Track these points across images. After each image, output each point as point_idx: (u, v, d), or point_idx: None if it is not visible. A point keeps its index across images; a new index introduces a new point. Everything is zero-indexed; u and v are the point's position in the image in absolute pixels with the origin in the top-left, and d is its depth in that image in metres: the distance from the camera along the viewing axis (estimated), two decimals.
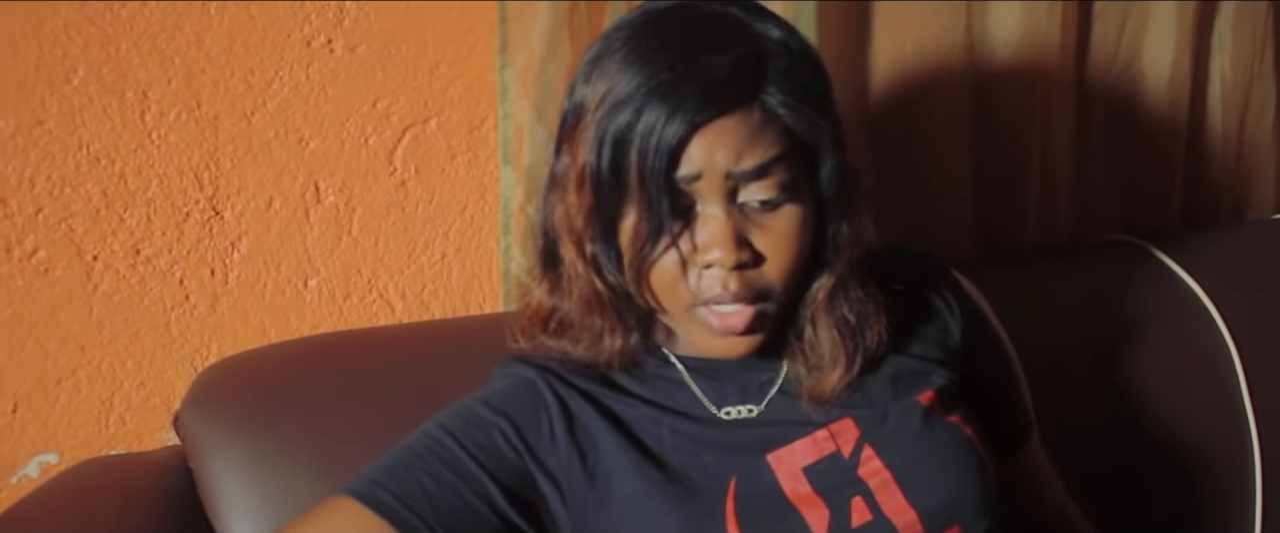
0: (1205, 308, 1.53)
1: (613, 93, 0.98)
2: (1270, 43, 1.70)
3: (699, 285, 1.01)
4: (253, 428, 1.24)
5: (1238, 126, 1.72)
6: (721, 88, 0.96)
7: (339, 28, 1.36)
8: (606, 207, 1.01)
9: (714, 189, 0.98)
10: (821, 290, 1.05)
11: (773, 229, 1.00)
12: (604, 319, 1.07)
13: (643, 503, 1.02)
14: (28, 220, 1.30)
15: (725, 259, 0.98)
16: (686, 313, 1.03)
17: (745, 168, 0.97)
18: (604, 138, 0.98)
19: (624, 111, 0.97)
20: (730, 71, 0.96)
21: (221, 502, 1.21)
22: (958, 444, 1.08)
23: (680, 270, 1.00)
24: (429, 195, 1.42)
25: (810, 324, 1.07)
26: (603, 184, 0.99)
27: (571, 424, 1.07)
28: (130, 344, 1.36)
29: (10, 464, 1.35)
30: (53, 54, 1.28)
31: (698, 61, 0.96)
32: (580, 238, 1.04)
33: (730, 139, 0.96)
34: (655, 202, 0.97)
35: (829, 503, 1.03)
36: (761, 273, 1.01)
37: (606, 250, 1.03)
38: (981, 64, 1.56)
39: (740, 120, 0.97)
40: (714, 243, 0.99)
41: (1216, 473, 1.49)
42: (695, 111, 0.95)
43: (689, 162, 0.97)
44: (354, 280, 1.42)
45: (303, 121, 1.37)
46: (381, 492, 1.00)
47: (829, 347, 1.07)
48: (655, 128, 0.96)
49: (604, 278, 1.05)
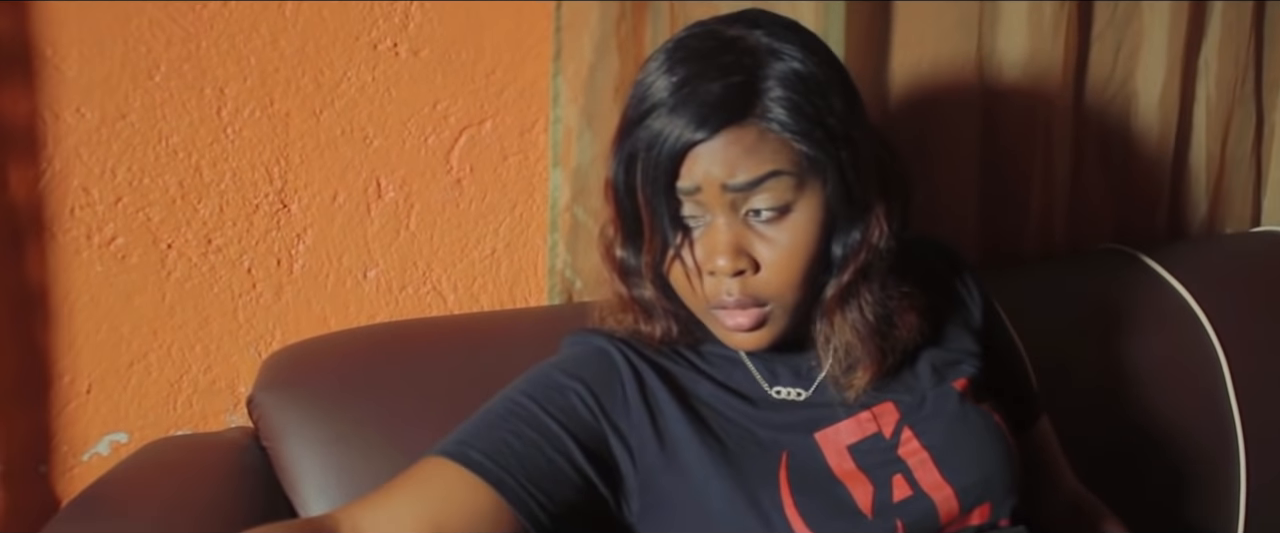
0: (1193, 312, 1.64)
1: (635, 110, 1.09)
2: (1251, 68, 1.82)
3: (706, 290, 1.10)
4: (326, 410, 1.31)
5: (1220, 145, 1.83)
6: (714, 109, 1.05)
7: (404, 32, 1.43)
8: (628, 217, 1.11)
9: (715, 201, 1.07)
10: (831, 295, 1.12)
11: (774, 240, 1.08)
12: (634, 316, 1.17)
13: (706, 469, 1.11)
14: (108, 209, 1.36)
15: (724, 268, 1.07)
16: (706, 312, 1.12)
17: (739, 181, 1.06)
18: (621, 154, 1.09)
19: (640, 128, 1.07)
20: (724, 93, 1.05)
21: (299, 479, 1.28)
22: (989, 428, 1.17)
23: (688, 277, 1.10)
24: (482, 193, 1.50)
25: (827, 325, 1.14)
26: (621, 195, 1.10)
27: (643, 390, 1.15)
28: (199, 329, 1.42)
29: (83, 442, 1.41)
30: (137, 51, 1.35)
31: (697, 85, 1.06)
32: (610, 245, 1.15)
33: (723, 156, 1.05)
34: (658, 213, 1.08)
35: (872, 479, 1.11)
36: (762, 280, 1.09)
37: (634, 257, 1.14)
38: (990, 82, 1.66)
39: (733, 138, 1.05)
40: (715, 252, 1.08)
41: (1204, 464, 1.59)
42: (690, 131, 1.04)
43: (687, 175, 1.06)
44: (410, 272, 1.49)
45: (367, 120, 1.44)
46: (472, 451, 1.07)
47: (850, 347, 1.14)
48: (655, 144, 1.06)
49: (628, 282, 1.15)
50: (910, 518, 1.10)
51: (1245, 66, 1.81)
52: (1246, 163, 1.86)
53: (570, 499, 1.09)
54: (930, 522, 1.11)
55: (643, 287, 1.15)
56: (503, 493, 1.05)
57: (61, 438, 1.40)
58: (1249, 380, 1.61)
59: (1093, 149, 1.76)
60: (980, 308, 1.28)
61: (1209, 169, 1.82)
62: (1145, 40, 1.74)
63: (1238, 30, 1.78)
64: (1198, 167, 1.83)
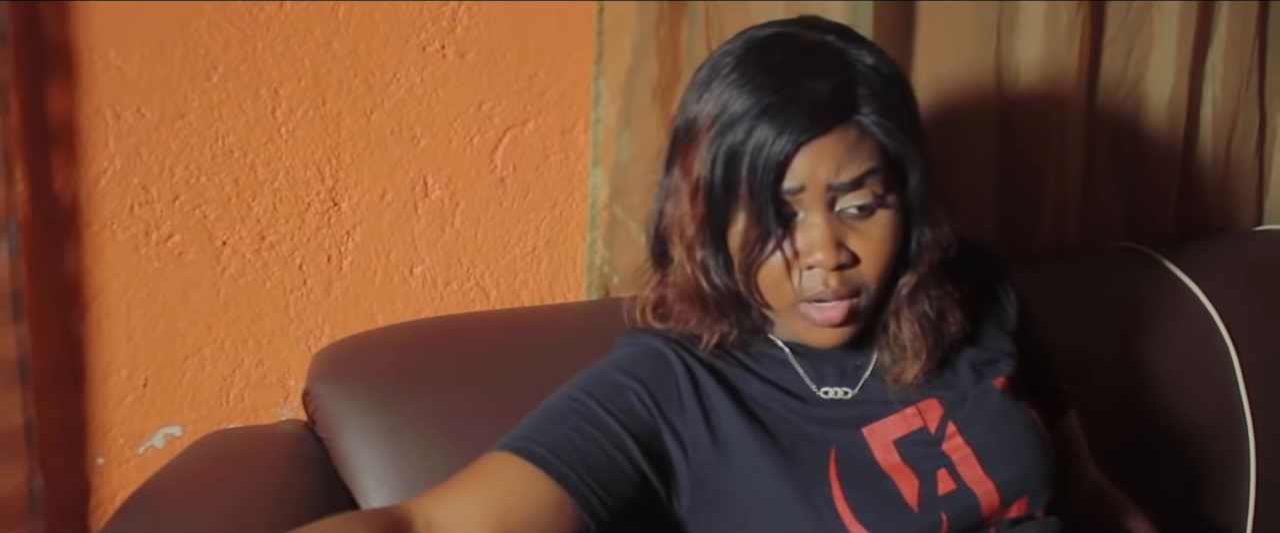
0: (1205, 309, 1.70)
1: (724, 113, 1.11)
2: (1255, 73, 1.88)
3: (802, 284, 1.13)
4: (381, 402, 1.35)
5: (1226, 147, 1.89)
6: (823, 109, 1.09)
7: (451, 35, 1.47)
8: (717, 216, 1.14)
9: (815, 199, 1.11)
10: (905, 288, 1.18)
11: (867, 234, 1.13)
12: (704, 313, 1.20)
13: (759, 464, 1.15)
14: (166, 207, 1.40)
15: (826, 261, 1.11)
16: (791, 309, 1.16)
17: (844, 180, 1.10)
18: (717, 154, 1.11)
19: (735, 131, 1.10)
20: (830, 95, 1.09)
21: (358, 469, 1.32)
22: (1027, 425, 1.22)
23: (785, 271, 1.13)
24: (524, 192, 1.54)
25: (894, 319, 1.19)
26: (715, 196, 1.13)
27: (697, 389, 1.19)
28: (252, 324, 1.46)
29: (139, 435, 1.44)
30: (196, 52, 1.38)
31: (801, 86, 1.09)
32: (691, 244, 1.17)
33: (830, 155, 1.09)
34: (763, 211, 1.10)
35: (917, 473, 1.16)
36: (858, 272, 1.13)
37: (714, 255, 1.16)
38: (1007, 86, 1.71)
39: (839, 138, 1.09)
40: (816, 247, 1.11)
41: (1215, 456, 1.65)
42: (800, 131, 1.08)
43: (794, 175, 1.10)
44: (454, 269, 1.53)
45: (415, 121, 1.48)
46: (535, 446, 1.10)
47: (910, 339, 1.19)
48: (765, 145, 1.09)
49: (711, 280, 1.17)
50: (954, 511, 1.15)
51: (1250, 71, 1.87)
52: (1250, 163, 1.92)
53: (627, 494, 1.13)
54: (973, 515, 1.16)
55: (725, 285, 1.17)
56: (565, 487, 1.09)
57: (118, 431, 1.43)
58: (1259, 374, 1.68)
59: (1104, 150, 1.82)
60: (1016, 308, 1.33)
61: (1215, 170, 1.89)
62: (1155, 45, 1.80)
63: (1243, 36, 1.85)
64: (1204, 167, 1.89)
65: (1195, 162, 1.89)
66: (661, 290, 1.24)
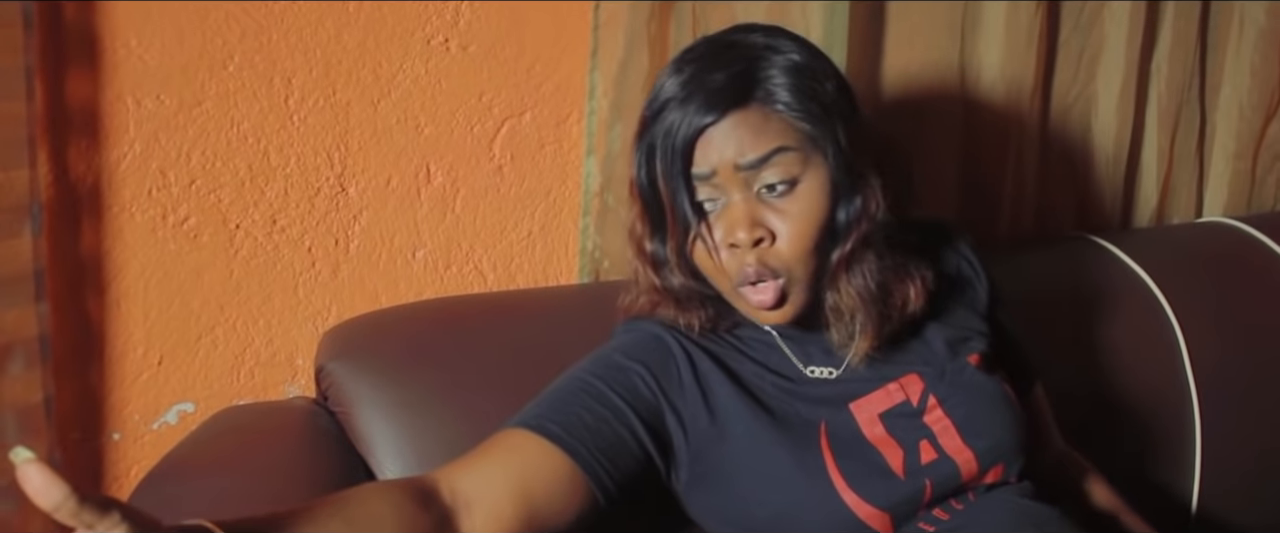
0: (1152, 292, 1.81)
1: (646, 113, 1.23)
2: (1197, 73, 2.00)
3: (728, 268, 1.21)
4: (393, 378, 1.41)
5: (1169, 143, 2.00)
6: (716, 96, 1.18)
7: (454, 29, 1.54)
8: (652, 209, 1.23)
9: (729, 181, 1.19)
10: (838, 262, 1.23)
11: (786, 210, 1.20)
12: (670, 307, 1.28)
13: (755, 437, 1.23)
14: (182, 191, 1.45)
15: (743, 240, 1.19)
16: (734, 292, 1.23)
17: (749, 159, 1.18)
18: (640, 152, 1.22)
19: (651, 128, 1.21)
20: (725, 83, 1.19)
21: (374, 442, 1.38)
22: (1002, 398, 1.31)
23: (711, 256, 1.21)
24: (521, 179, 1.61)
25: (833, 292, 1.25)
26: (644, 191, 1.23)
27: (695, 371, 1.27)
28: (263, 305, 1.52)
29: (154, 411, 1.50)
30: (213, 42, 1.44)
31: (702, 79, 1.19)
32: (639, 241, 1.27)
33: (732, 137, 1.18)
34: (677, 197, 1.20)
35: (902, 444, 1.25)
36: (778, 250, 1.20)
37: (661, 248, 1.25)
38: (969, 85, 1.81)
39: (738, 121, 1.19)
40: (734, 226, 1.19)
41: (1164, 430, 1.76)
42: (697, 117, 1.18)
43: (702, 160, 1.19)
44: (454, 252, 1.60)
45: (420, 110, 1.55)
46: (548, 423, 1.18)
47: (851, 312, 1.25)
48: (671, 133, 1.19)
49: (660, 273, 1.26)
50: (937, 478, 1.23)
51: (1192, 72, 1.99)
52: (1192, 159, 2.04)
53: (631, 470, 1.21)
54: (954, 481, 1.24)
55: (673, 276, 1.25)
56: (578, 462, 1.16)
57: (134, 407, 1.49)
58: (1202, 352, 1.79)
59: (1058, 144, 1.93)
60: (985, 288, 1.42)
61: (1159, 164, 2.00)
62: (1105, 47, 1.91)
63: (1186, 39, 1.96)
64: (1149, 162, 2.00)
65: (1141, 156, 2.00)
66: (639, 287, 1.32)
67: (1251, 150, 2.09)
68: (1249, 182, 2.11)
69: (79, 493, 0.76)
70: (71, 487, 0.75)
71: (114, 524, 0.79)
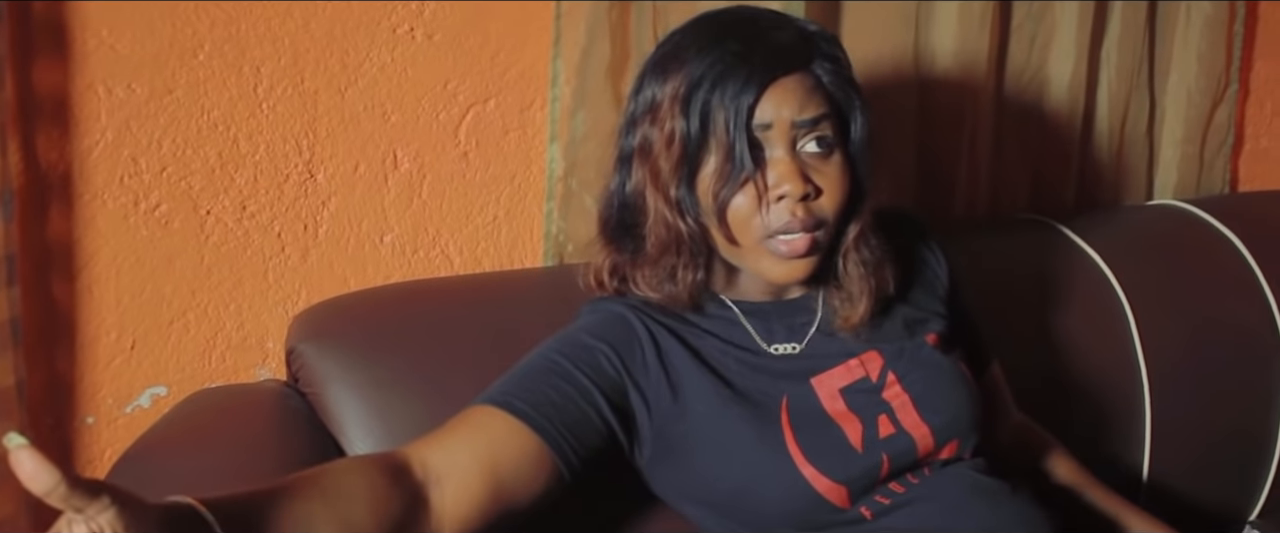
0: (1103, 272, 1.86)
1: (691, 73, 1.25)
2: (1146, 59, 2.05)
3: (769, 217, 1.25)
4: (362, 359, 1.44)
5: (1120, 127, 2.05)
6: (785, 53, 1.25)
7: (420, 18, 1.57)
8: (692, 159, 1.26)
9: (781, 136, 1.24)
10: (853, 231, 1.30)
11: (825, 172, 1.26)
12: (679, 257, 1.30)
13: (719, 414, 1.27)
14: (154, 178, 1.48)
15: (795, 190, 1.23)
16: (758, 245, 1.26)
17: (806, 117, 1.24)
18: (692, 103, 1.24)
19: (706, 80, 1.24)
20: (792, 41, 1.26)
21: (345, 421, 1.41)
22: (957, 376, 1.35)
23: (755, 205, 1.24)
24: (486, 165, 1.65)
25: (844, 261, 1.32)
26: (691, 140, 1.25)
27: (658, 350, 1.31)
28: (233, 290, 1.54)
29: (127, 395, 1.52)
30: (183, 32, 1.46)
31: (764, 36, 1.25)
32: (666, 187, 1.28)
33: (793, 95, 1.24)
34: (737, 146, 1.23)
35: (861, 418, 1.29)
36: (820, 204, 1.26)
37: (689, 195, 1.27)
38: (924, 72, 1.86)
39: (799, 81, 1.25)
40: (785, 179, 1.24)
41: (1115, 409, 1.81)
42: (768, 71, 1.23)
43: (763, 112, 1.23)
44: (421, 237, 1.63)
45: (386, 98, 1.58)
46: (515, 400, 1.21)
47: (856, 281, 1.32)
48: (738, 85, 1.23)
49: (685, 219, 1.28)
50: (894, 452, 1.27)
51: (1141, 57, 2.04)
52: (1142, 143, 2.09)
53: (596, 445, 1.24)
54: (910, 456, 1.28)
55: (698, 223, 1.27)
56: (544, 439, 1.20)
57: (107, 391, 1.51)
58: (1152, 330, 1.84)
59: (1011, 130, 1.98)
60: (945, 271, 1.46)
61: (1110, 148, 2.05)
62: (1056, 34, 1.96)
63: (1135, 25, 2.01)
64: (1101, 146, 2.05)
65: (1093, 141, 2.06)
66: (616, 257, 1.36)
67: (1200, 135, 2.15)
68: (1198, 165, 2.17)
69: (70, 478, 0.78)
70: (62, 472, 0.78)
71: (103, 508, 0.81)
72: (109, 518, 0.82)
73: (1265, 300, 1.96)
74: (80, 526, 0.82)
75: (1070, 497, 1.52)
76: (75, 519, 0.82)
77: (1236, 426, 1.93)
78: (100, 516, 0.81)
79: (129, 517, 0.83)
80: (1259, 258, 1.98)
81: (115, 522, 0.82)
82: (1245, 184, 2.32)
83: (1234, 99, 2.18)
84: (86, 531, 0.82)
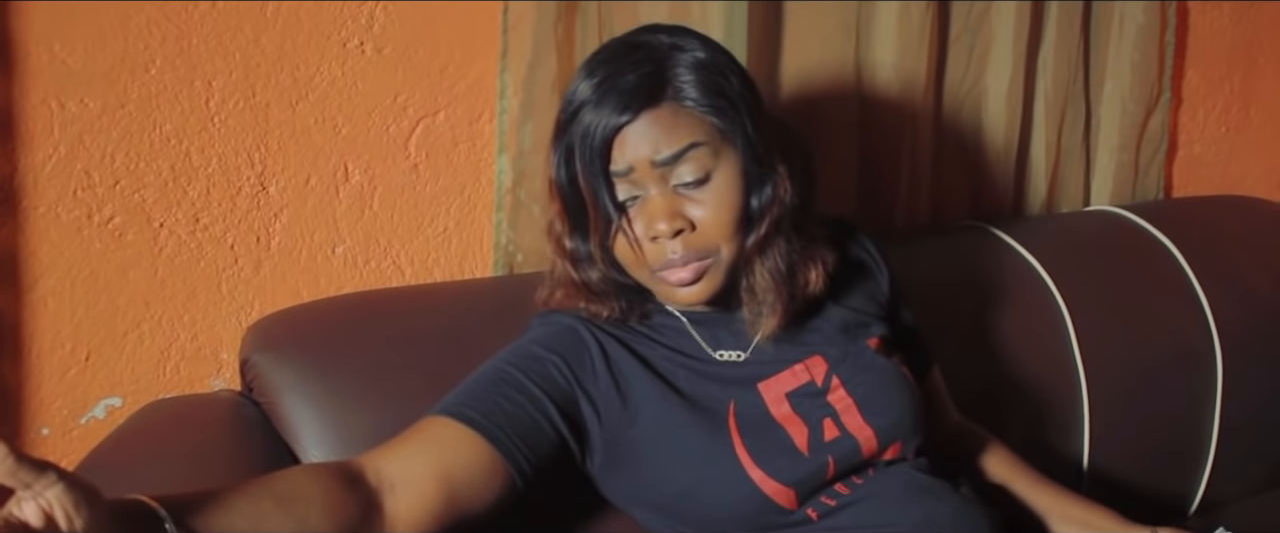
0: (1041, 277, 1.90)
1: (562, 116, 1.29)
2: (1081, 68, 2.10)
3: (649, 257, 1.29)
4: (316, 369, 1.46)
5: (1057, 136, 2.10)
6: (629, 96, 1.26)
7: (369, 32, 1.59)
8: (573, 207, 1.30)
9: (646, 177, 1.27)
10: (752, 243, 1.31)
11: (702, 201, 1.28)
12: (584, 300, 1.35)
13: (668, 421, 1.31)
14: (107, 191, 1.50)
15: (665, 230, 1.27)
16: (652, 278, 1.31)
17: (665, 155, 1.26)
18: (558, 153, 1.29)
19: (569, 130, 1.28)
20: (638, 82, 1.26)
21: (299, 429, 1.43)
22: (900, 380, 1.39)
23: (633, 248, 1.29)
24: (436, 177, 1.67)
25: (748, 273, 1.33)
26: (563, 189, 1.30)
27: (608, 360, 1.34)
28: (187, 301, 1.56)
29: (81, 407, 1.53)
30: (135, 46, 1.48)
31: (614, 80, 1.26)
32: (559, 237, 1.34)
33: (647, 136, 1.26)
34: (599, 194, 1.27)
35: (806, 421, 1.32)
36: (700, 235, 1.28)
37: (582, 244, 1.32)
38: (865, 82, 1.90)
39: (652, 120, 1.26)
40: (655, 219, 1.27)
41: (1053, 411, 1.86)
42: (612, 117, 1.25)
43: (619, 158, 1.26)
44: (372, 248, 1.66)
45: (337, 111, 1.60)
46: (468, 410, 1.24)
47: (763, 292, 1.33)
48: (589, 134, 1.26)
49: (579, 268, 1.33)
50: (839, 455, 1.30)
51: (1076, 67, 2.09)
52: (1078, 151, 2.14)
53: (547, 454, 1.27)
54: (855, 458, 1.32)
55: (593, 269, 1.32)
56: (497, 448, 1.22)
57: (62, 402, 1.52)
58: (1088, 332, 1.89)
59: (951, 138, 2.02)
60: (887, 278, 1.50)
61: (1048, 156, 2.10)
62: (994, 44, 2.00)
63: (1069, 35, 2.06)
64: (1038, 154, 2.10)
65: (1030, 149, 2.11)
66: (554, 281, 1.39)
67: (1134, 142, 2.20)
68: (1133, 172, 2.22)
69: (16, 453, 0.81)
70: (8, 447, 0.80)
71: (50, 483, 0.84)
72: (57, 493, 0.84)
73: (1199, 303, 2.01)
74: (30, 503, 0.84)
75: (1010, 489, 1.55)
76: (24, 496, 0.84)
77: (1173, 425, 1.98)
78: (48, 491, 0.84)
79: (78, 495, 0.85)
80: (1192, 261, 2.04)
81: (63, 497, 0.85)
82: (1179, 190, 2.38)
83: (1167, 106, 2.23)
84: (36, 507, 0.84)
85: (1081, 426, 1.86)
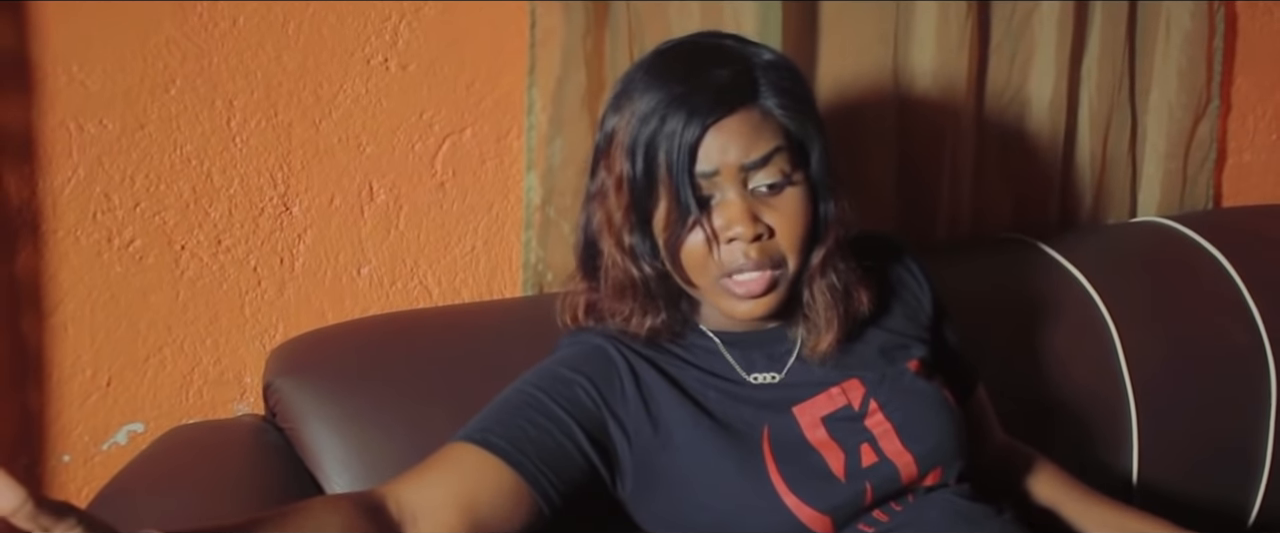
0: (1087, 291, 1.84)
1: (639, 113, 1.24)
2: (1126, 76, 2.04)
3: (723, 259, 1.25)
4: (340, 393, 1.44)
5: (1102, 145, 2.04)
6: (725, 93, 1.22)
7: (393, 48, 1.57)
8: (641, 204, 1.25)
9: (729, 180, 1.23)
10: (817, 259, 1.29)
11: (780, 208, 1.25)
12: (635, 302, 1.30)
13: (700, 445, 1.26)
14: (127, 213, 1.48)
15: (745, 233, 1.23)
16: (715, 285, 1.27)
17: (753, 158, 1.23)
18: (636, 147, 1.24)
19: (649, 123, 1.23)
20: (731, 80, 1.23)
21: (322, 456, 1.41)
22: (940, 403, 1.34)
23: (707, 248, 1.24)
24: (463, 195, 1.64)
25: (809, 289, 1.31)
26: (637, 184, 1.25)
27: (638, 382, 1.30)
28: (210, 325, 1.54)
29: (103, 432, 1.52)
30: (154, 66, 1.46)
31: (704, 76, 1.23)
32: (619, 233, 1.28)
33: (737, 136, 1.22)
34: (681, 190, 1.22)
35: (843, 447, 1.28)
36: (775, 243, 1.25)
37: (642, 241, 1.28)
38: (904, 90, 1.85)
39: (743, 119, 1.23)
40: (734, 221, 1.23)
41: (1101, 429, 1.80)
42: (706, 114, 1.21)
43: (706, 159, 1.22)
44: (399, 269, 1.63)
45: (361, 129, 1.57)
46: (492, 436, 1.20)
47: (823, 309, 1.31)
48: (677, 131, 1.21)
49: (639, 265, 1.28)
50: (877, 481, 1.26)
51: (1121, 74, 2.03)
52: (1124, 160, 2.08)
53: (576, 479, 1.23)
54: (894, 484, 1.28)
55: (649, 268, 1.28)
56: (522, 474, 1.19)
57: (83, 428, 1.51)
58: (1137, 348, 1.83)
59: (992, 148, 1.97)
60: (929, 295, 1.45)
61: (1093, 166, 2.04)
62: (1036, 51, 1.95)
63: (1114, 42, 2.00)
64: (1083, 164, 2.04)
65: (1074, 158, 2.04)
66: (591, 295, 1.36)
67: (1182, 151, 2.13)
68: (1181, 181, 2.15)
69: (36, 497, 0.78)
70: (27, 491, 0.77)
71: (70, 528, 0.81)
72: None
73: (1250, 315, 1.94)
74: None
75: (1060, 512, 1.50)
76: None
77: (1225, 441, 1.91)
78: None
79: None
80: (1243, 273, 1.97)
81: None
82: (1228, 199, 2.31)
83: (1216, 114, 2.16)
84: None
85: (1130, 442, 1.80)
